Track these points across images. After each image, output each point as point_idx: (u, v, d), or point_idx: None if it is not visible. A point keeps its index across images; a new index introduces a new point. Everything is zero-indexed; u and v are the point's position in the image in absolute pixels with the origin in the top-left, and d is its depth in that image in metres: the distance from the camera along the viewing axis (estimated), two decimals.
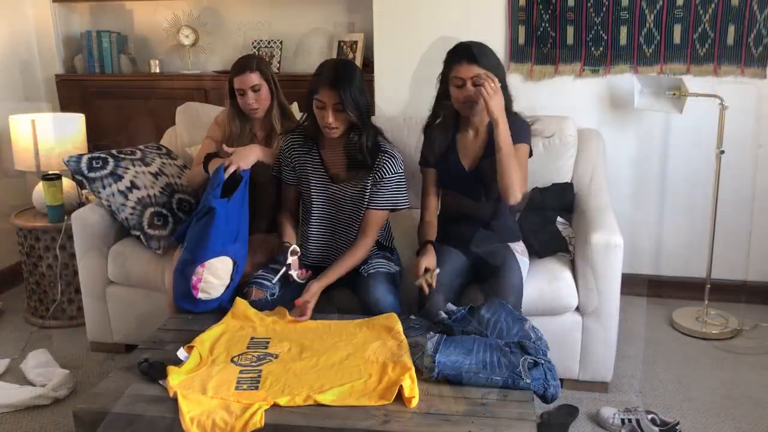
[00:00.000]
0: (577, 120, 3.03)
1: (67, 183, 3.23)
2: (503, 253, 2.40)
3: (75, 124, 3.30)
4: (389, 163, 2.30)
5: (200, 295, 2.26)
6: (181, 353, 1.91)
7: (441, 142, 2.46)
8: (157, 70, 3.86)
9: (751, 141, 3.18)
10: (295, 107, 3.13)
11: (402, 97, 3.37)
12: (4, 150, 3.62)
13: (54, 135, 3.19)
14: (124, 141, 3.73)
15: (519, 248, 2.51)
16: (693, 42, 3.11)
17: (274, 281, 2.30)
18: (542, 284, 2.44)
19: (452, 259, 2.40)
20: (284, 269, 2.29)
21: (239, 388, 1.77)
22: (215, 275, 2.27)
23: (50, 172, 3.17)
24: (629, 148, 3.30)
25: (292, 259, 2.30)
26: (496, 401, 1.71)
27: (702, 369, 2.74)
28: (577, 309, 2.49)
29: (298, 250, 2.34)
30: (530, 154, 2.43)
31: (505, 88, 2.34)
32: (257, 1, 3.74)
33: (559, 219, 2.79)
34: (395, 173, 2.32)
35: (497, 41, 3.28)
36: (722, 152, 2.95)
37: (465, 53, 2.29)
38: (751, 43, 3.06)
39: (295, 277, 2.30)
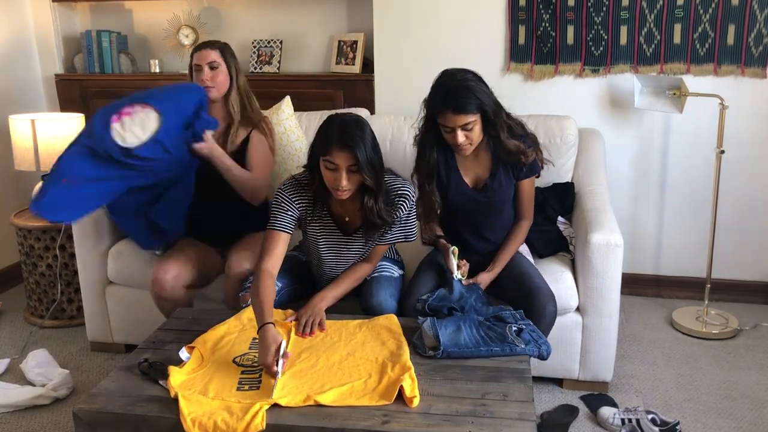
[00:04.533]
0: (578, 120, 3.03)
1: None
2: (512, 260, 2.41)
3: (75, 124, 3.29)
4: (403, 205, 2.19)
5: (115, 136, 2.27)
6: (183, 353, 1.91)
7: (440, 162, 2.34)
8: (157, 70, 3.86)
9: (751, 141, 3.18)
10: (287, 101, 3.11)
11: (402, 96, 3.37)
12: (4, 150, 3.63)
13: (54, 135, 3.19)
14: None
15: (522, 249, 2.51)
16: (693, 42, 3.11)
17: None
18: None
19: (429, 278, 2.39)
20: (278, 372, 1.81)
21: (240, 388, 1.77)
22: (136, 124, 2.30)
23: None
24: (629, 148, 3.30)
25: (282, 362, 1.82)
26: (496, 401, 1.71)
27: (702, 369, 2.74)
28: (578, 309, 2.50)
29: (288, 352, 1.90)
30: (538, 174, 2.42)
31: (499, 110, 2.23)
32: (257, 1, 3.74)
33: (559, 219, 2.79)
34: (407, 210, 2.21)
35: (497, 41, 3.29)
36: (722, 152, 2.95)
37: (450, 103, 2.14)
38: (751, 43, 3.06)
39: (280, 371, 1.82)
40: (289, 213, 2.17)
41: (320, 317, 2.11)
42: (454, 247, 2.27)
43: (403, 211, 2.20)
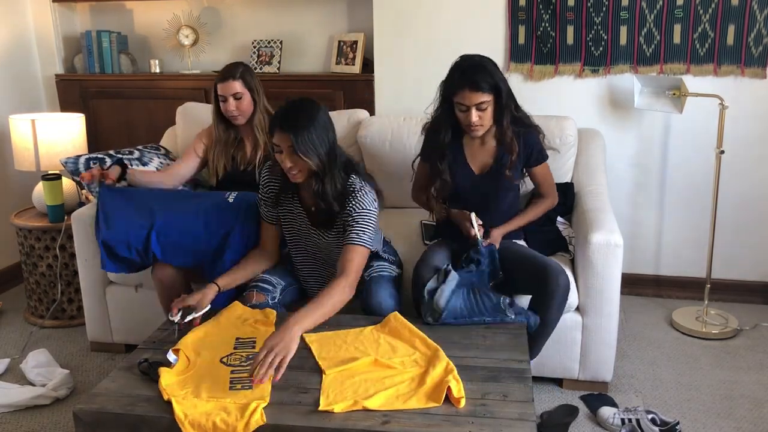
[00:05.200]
0: (577, 120, 3.03)
1: (67, 183, 3.22)
2: (512, 246, 2.45)
3: (75, 124, 3.30)
4: (351, 201, 2.13)
5: None
6: (171, 356, 1.89)
7: (448, 147, 2.40)
8: (157, 70, 3.86)
9: (751, 141, 3.18)
10: None
11: (402, 97, 3.37)
12: (4, 150, 3.63)
13: (54, 135, 3.19)
14: (124, 141, 3.74)
15: (521, 246, 2.52)
16: (693, 42, 3.11)
17: (175, 319, 2.07)
18: None
19: (444, 252, 2.41)
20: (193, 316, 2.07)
21: (233, 388, 1.76)
22: None
23: (50, 172, 3.17)
24: (629, 148, 3.30)
25: (196, 315, 2.08)
26: (496, 401, 1.71)
27: (702, 369, 2.74)
28: (577, 309, 2.50)
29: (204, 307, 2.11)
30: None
31: (510, 98, 2.33)
32: (257, 1, 3.74)
33: (559, 219, 2.79)
34: (356, 208, 2.12)
35: (497, 41, 3.29)
36: (722, 152, 2.95)
37: (467, 80, 2.24)
38: (751, 43, 3.06)
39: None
40: (264, 201, 2.32)
41: (285, 354, 1.81)
42: (472, 212, 2.34)
43: (353, 209, 2.13)
